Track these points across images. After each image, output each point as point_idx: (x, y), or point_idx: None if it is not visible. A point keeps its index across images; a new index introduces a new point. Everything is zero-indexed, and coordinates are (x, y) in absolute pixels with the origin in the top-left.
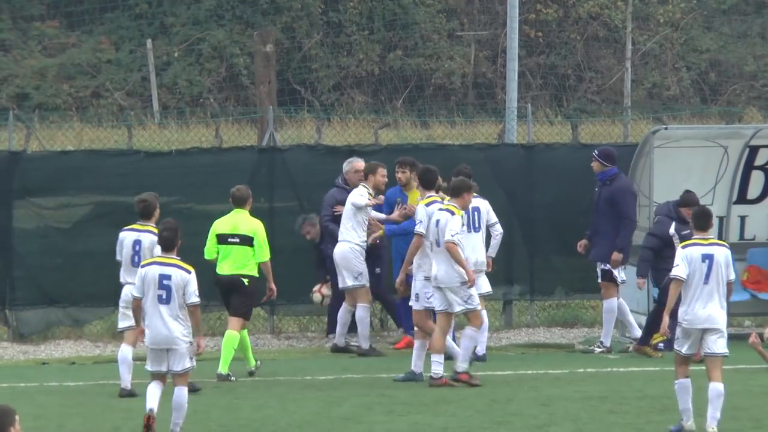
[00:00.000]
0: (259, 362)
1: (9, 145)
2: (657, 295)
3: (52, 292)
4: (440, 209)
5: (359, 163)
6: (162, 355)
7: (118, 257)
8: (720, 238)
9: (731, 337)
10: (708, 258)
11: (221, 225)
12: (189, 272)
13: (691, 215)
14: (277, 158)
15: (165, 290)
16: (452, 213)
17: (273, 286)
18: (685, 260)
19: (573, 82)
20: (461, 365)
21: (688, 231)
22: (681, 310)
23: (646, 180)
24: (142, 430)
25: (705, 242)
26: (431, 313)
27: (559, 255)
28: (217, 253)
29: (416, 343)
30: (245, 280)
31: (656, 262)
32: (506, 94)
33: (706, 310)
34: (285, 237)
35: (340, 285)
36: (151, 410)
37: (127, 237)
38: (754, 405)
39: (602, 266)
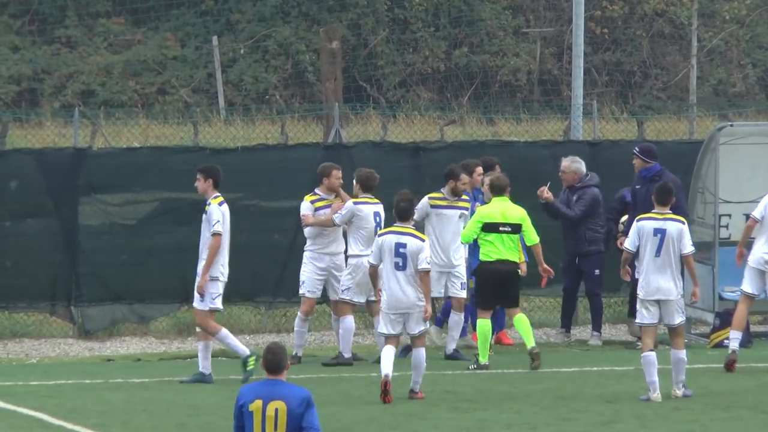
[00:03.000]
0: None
1: (74, 141)
2: None
3: (117, 288)
4: None
5: (564, 163)
6: (397, 320)
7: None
8: None
9: None
10: (660, 232)
11: (489, 213)
12: (423, 240)
13: (654, 190)
14: (343, 155)
15: (401, 258)
16: None
17: (546, 266)
18: (636, 233)
19: (638, 79)
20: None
21: None
22: (639, 283)
23: (711, 177)
24: (380, 396)
25: (660, 217)
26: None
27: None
28: (475, 238)
29: (200, 345)
30: (519, 270)
31: None
32: (572, 90)
33: (659, 282)
34: None
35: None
36: (386, 375)
37: (363, 209)
38: None
39: None
